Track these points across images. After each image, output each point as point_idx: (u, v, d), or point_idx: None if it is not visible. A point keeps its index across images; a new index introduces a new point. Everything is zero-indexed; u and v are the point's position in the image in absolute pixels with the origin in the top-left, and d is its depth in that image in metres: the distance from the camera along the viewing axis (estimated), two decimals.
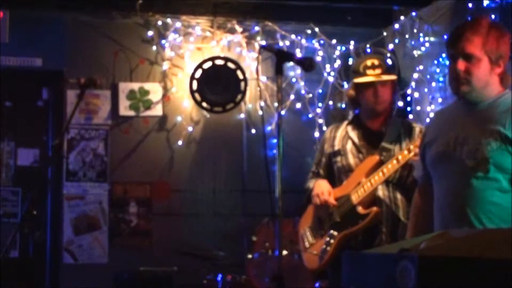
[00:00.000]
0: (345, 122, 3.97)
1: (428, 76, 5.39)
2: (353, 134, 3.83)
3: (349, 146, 3.82)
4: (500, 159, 2.69)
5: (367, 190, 3.65)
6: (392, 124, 3.79)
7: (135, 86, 5.97)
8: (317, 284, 4.75)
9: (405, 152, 3.56)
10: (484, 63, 2.76)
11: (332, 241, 3.74)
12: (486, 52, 2.75)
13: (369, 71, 3.75)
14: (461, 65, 2.76)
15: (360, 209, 3.67)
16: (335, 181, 3.88)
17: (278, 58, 2.83)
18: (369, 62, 3.78)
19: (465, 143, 2.77)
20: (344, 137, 3.86)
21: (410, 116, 5.51)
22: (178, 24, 5.96)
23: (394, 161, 3.58)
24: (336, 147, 3.87)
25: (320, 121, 6.03)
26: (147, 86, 5.99)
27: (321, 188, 3.83)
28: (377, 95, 3.72)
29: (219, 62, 5.87)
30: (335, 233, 3.74)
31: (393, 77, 3.77)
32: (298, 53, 5.90)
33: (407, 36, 5.66)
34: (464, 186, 2.75)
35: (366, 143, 3.79)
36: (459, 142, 2.78)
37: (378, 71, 3.74)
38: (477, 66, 2.75)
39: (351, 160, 3.79)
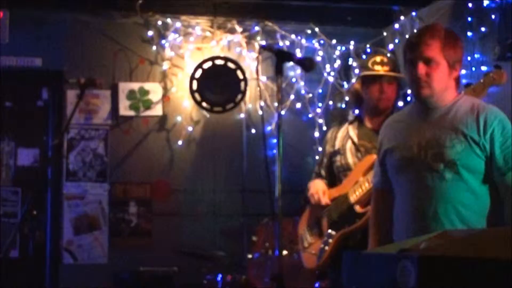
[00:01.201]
0: (347, 122, 3.98)
1: None
2: (353, 133, 3.84)
3: (349, 145, 3.83)
4: (468, 160, 2.73)
5: (364, 189, 3.65)
6: None
7: (135, 86, 5.97)
8: (317, 284, 4.75)
9: None
10: (443, 67, 2.81)
11: (330, 240, 3.74)
12: (445, 56, 2.80)
13: (377, 67, 3.76)
14: (421, 69, 2.80)
15: (357, 208, 3.67)
16: (336, 181, 3.89)
17: (278, 58, 2.83)
18: (378, 58, 3.80)
19: (429, 147, 2.80)
20: (344, 137, 3.87)
21: None
22: (178, 24, 5.96)
23: None
24: (336, 147, 3.88)
25: (320, 121, 6.03)
26: (147, 86, 5.99)
27: (316, 188, 3.85)
28: (382, 91, 3.74)
29: (219, 62, 5.86)
30: (333, 232, 3.74)
31: (400, 75, 3.78)
32: (298, 53, 5.90)
33: (407, 36, 5.65)
34: (433, 188, 2.77)
35: (365, 142, 3.80)
36: (423, 147, 2.81)
37: (386, 67, 3.76)
38: (436, 70, 2.80)
39: (350, 159, 3.80)
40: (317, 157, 4.30)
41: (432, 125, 2.83)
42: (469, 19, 4.86)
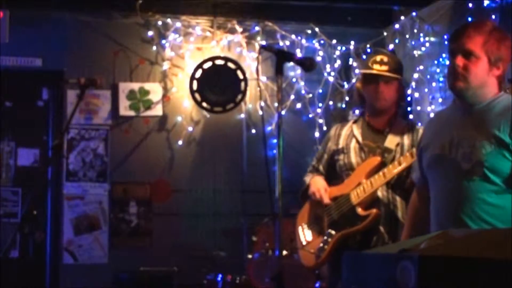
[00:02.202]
0: (351, 121, 3.97)
1: (428, 76, 5.39)
2: (358, 133, 3.82)
3: (353, 144, 3.81)
4: (495, 162, 2.68)
5: (367, 191, 3.64)
6: (396, 125, 3.78)
7: (135, 86, 5.97)
8: (317, 284, 4.75)
9: (407, 155, 3.56)
10: (483, 62, 2.75)
11: (329, 240, 3.73)
12: (486, 52, 2.75)
13: (375, 66, 3.74)
14: (459, 60, 2.75)
15: (359, 211, 3.66)
16: (335, 179, 3.88)
17: (278, 58, 2.82)
18: (378, 58, 3.77)
19: (460, 145, 2.76)
20: (349, 136, 3.85)
21: (410, 116, 5.51)
22: (178, 24, 5.97)
23: (396, 164, 3.58)
24: (340, 145, 3.86)
25: (320, 121, 6.04)
26: (147, 86, 5.99)
27: (317, 186, 3.83)
28: (378, 91, 3.72)
29: (219, 62, 5.87)
30: (333, 232, 3.74)
31: (397, 76, 3.75)
32: (298, 53, 5.90)
33: (407, 36, 5.66)
34: (459, 188, 2.74)
35: (369, 142, 3.79)
36: (454, 145, 2.78)
37: (384, 67, 3.73)
38: (475, 64, 2.75)
39: (353, 158, 3.78)
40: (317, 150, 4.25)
41: (466, 123, 2.79)
42: (469, 19, 4.86)
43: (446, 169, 2.80)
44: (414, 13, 5.58)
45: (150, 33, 5.97)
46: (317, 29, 6.00)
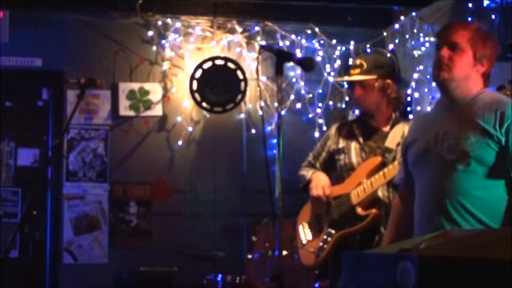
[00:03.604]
0: (351, 121, 3.99)
1: (428, 76, 5.39)
2: (358, 133, 3.83)
3: (353, 144, 3.82)
4: (481, 152, 2.71)
5: (367, 191, 3.65)
6: (396, 125, 3.78)
7: (135, 86, 5.97)
8: (317, 284, 4.75)
9: None
10: (468, 56, 2.80)
11: (329, 239, 3.74)
12: (471, 46, 2.80)
13: (352, 71, 3.78)
14: (445, 52, 2.80)
15: (359, 210, 3.67)
16: (334, 178, 3.89)
17: (278, 58, 2.83)
18: (357, 61, 3.81)
19: (445, 139, 2.79)
20: (349, 136, 3.86)
21: (410, 116, 5.51)
22: (178, 24, 5.96)
23: (396, 164, 3.58)
24: (341, 145, 3.87)
25: (320, 121, 6.04)
26: (147, 86, 5.99)
27: (321, 182, 3.82)
28: (355, 96, 3.77)
29: (219, 62, 5.87)
30: (333, 231, 3.74)
31: (370, 76, 3.73)
32: (298, 53, 5.90)
33: (407, 36, 5.66)
34: (444, 180, 2.75)
35: (369, 142, 3.79)
36: (439, 139, 2.80)
37: (357, 70, 3.76)
38: (460, 56, 2.79)
39: (354, 158, 3.79)
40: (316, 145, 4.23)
41: (451, 118, 2.82)
42: (469, 19, 4.86)
43: (431, 163, 2.82)
44: (414, 13, 5.58)
45: (150, 33, 5.97)
46: (317, 29, 6.00)
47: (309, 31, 6.02)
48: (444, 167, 2.76)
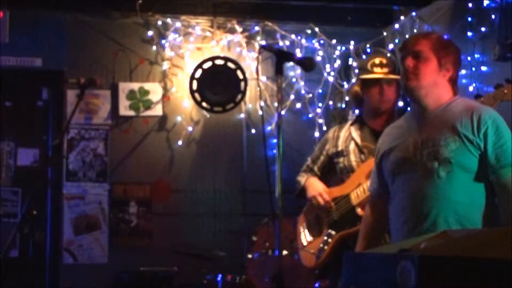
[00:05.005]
0: (349, 123, 3.97)
1: None
2: (356, 135, 3.83)
3: (352, 146, 3.82)
4: (462, 158, 2.74)
5: (367, 192, 3.65)
6: None
7: (135, 86, 5.97)
8: (317, 284, 4.75)
9: None
10: (432, 63, 2.84)
11: (330, 240, 3.74)
12: (435, 53, 2.84)
13: (376, 69, 3.76)
14: (409, 61, 2.85)
15: (359, 211, 3.67)
16: (332, 181, 3.89)
17: (278, 58, 2.83)
18: (377, 60, 3.79)
19: (424, 146, 2.81)
20: (347, 138, 3.86)
21: None
22: (178, 24, 5.96)
23: None
24: (339, 148, 3.87)
25: (320, 121, 6.04)
26: (147, 86, 5.99)
27: (317, 189, 3.83)
28: (383, 93, 3.73)
29: (219, 62, 5.87)
30: (333, 232, 3.75)
31: (397, 77, 3.77)
32: (298, 53, 5.90)
33: (407, 36, 5.65)
34: (427, 186, 2.78)
35: (368, 144, 3.79)
36: (418, 147, 2.83)
37: (385, 69, 3.75)
38: (424, 64, 2.84)
39: (353, 161, 3.79)
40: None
41: (428, 126, 2.85)
42: (469, 19, 4.86)
43: (412, 170, 2.84)
44: (414, 13, 5.58)
45: (150, 33, 5.97)
46: (316, 29, 6.00)
47: (309, 31, 6.02)
48: (426, 174, 2.78)
